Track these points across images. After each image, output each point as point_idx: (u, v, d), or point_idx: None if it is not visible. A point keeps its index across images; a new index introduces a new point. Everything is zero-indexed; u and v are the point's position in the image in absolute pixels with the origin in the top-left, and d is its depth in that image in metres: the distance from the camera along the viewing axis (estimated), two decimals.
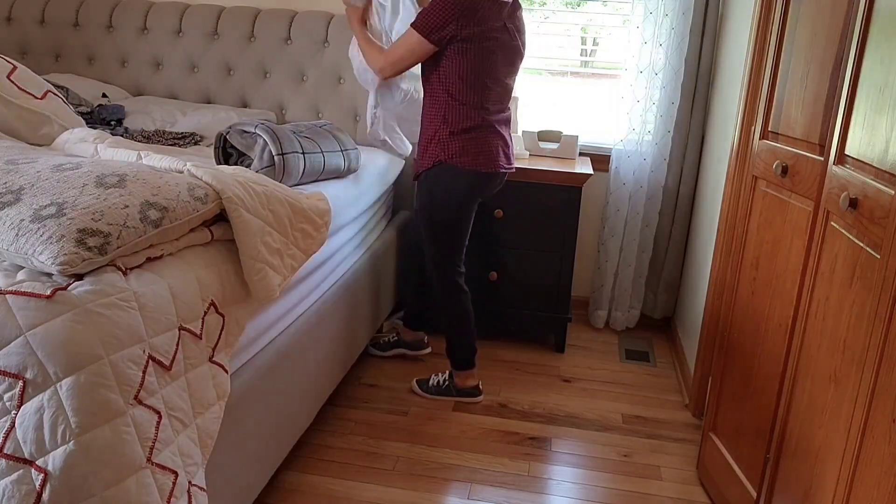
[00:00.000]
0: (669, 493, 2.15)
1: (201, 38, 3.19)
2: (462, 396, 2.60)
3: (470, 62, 2.21)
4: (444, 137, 2.30)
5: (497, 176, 2.39)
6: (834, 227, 1.49)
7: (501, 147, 2.36)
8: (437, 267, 2.48)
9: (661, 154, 3.06)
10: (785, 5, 1.83)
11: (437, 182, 2.36)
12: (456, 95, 2.26)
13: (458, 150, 2.29)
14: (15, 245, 1.22)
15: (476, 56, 2.21)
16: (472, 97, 2.26)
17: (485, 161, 2.32)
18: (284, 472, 2.13)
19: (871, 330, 1.25)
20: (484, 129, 2.30)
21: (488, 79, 2.26)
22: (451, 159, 2.30)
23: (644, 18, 2.93)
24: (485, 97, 2.28)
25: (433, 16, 2.16)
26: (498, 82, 2.30)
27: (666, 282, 3.24)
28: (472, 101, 2.27)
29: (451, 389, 2.60)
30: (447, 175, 2.33)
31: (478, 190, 2.38)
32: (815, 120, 1.64)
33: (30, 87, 1.95)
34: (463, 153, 2.29)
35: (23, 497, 1.10)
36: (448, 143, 2.30)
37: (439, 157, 2.32)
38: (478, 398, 2.60)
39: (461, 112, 2.28)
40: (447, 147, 2.30)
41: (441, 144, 2.31)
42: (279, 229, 1.64)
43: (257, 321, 1.73)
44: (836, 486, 1.34)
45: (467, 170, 2.31)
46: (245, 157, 2.14)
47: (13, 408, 1.13)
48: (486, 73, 2.24)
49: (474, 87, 2.25)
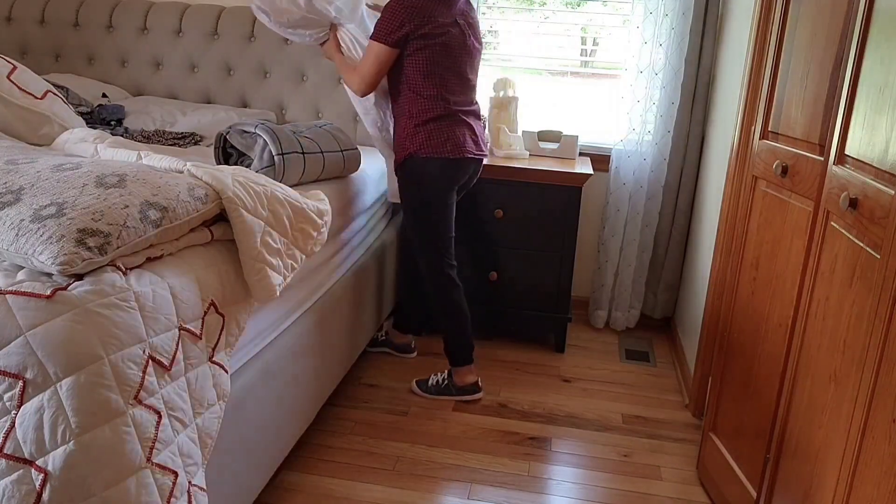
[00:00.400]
0: (669, 493, 2.15)
1: (201, 38, 3.19)
2: (462, 394, 2.60)
3: (427, 57, 2.30)
4: (411, 130, 2.37)
5: (466, 162, 2.43)
6: (834, 227, 1.49)
7: (469, 135, 2.42)
8: (426, 262, 2.50)
9: (661, 154, 3.06)
10: (785, 5, 1.83)
11: (412, 175, 2.41)
12: (417, 89, 2.34)
13: (424, 140, 2.36)
14: (15, 245, 1.22)
15: (432, 51, 2.29)
16: (432, 89, 2.33)
17: (452, 148, 2.37)
18: (284, 472, 2.13)
19: (871, 330, 1.25)
20: (448, 119, 2.37)
21: (446, 72, 2.34)
22: (419, 150, 2.36)
23: (644, 18, 2.93)
24: (445, 89, 2.35)
25: (387, 22, 2.26)
26: (457, 75, 2.37)
27: (666, 282, 3.24)
28: (433, 94, 2.34)
29: (450, 388, 2.60)
30: (418, 166, 2.39)
31: (449, 178, 2.42)
32: (815, 120, 1.64)
33: (30, 87, 1.95)
34: (428, 143, 2.36)
35: (23, 497, 1.10)
36: (414, 136, 2.36)
37: (408, 150, 2.38)
38: (478, 395, 2.60)
39: (423, 104, 2.35)
40: (414, 139, 2.37)
41: (409, 138, 2.37)
42: (279, 229, 1.64)
43: (257, 321, 1.73)
44: (836, 486, 1.34)
45: (435, 158, 2.37)
46: (245, 157, 2.14)
47: (13, 408, 1.13)
48: (443, 66, 2.33)
49: (433, 79, 2.33)
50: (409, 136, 2.37)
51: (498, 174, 2.85)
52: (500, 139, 2.99)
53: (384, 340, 2.93)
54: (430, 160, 2.37)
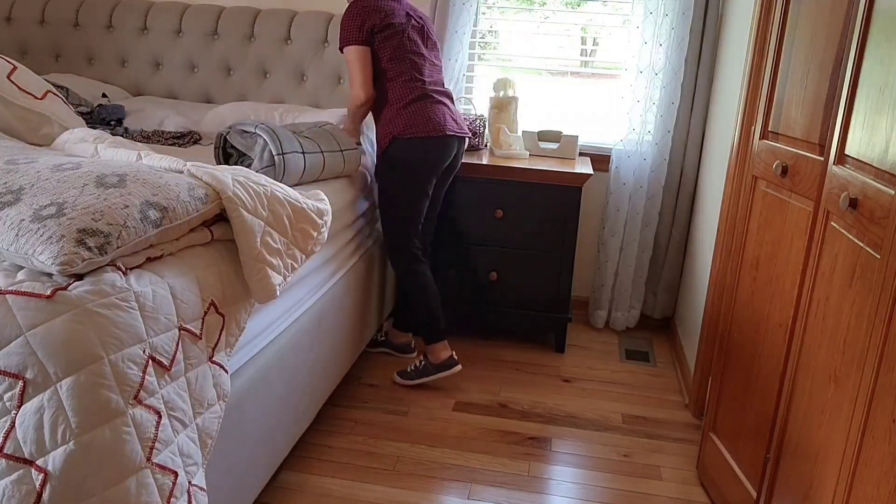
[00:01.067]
0: (669, 493, 2.15)
1: (201, 38, 3.19)
2: (441, 371, 2.63)
3: (395, 45, 2.43)
4: (392, 115, 2.46)
5: (448, 140, 2.50)
6: (834, 227, 1.49)
7: (448, 114, 2.52)
8: (397, 246, 2.57)
9: (661, 154, 3.06)
10: (785, 5, 1.83)
11: (396, 157, 2.47)
12: (391, 76, 2.45)
13: (407, 122, 2.44)
14: (15, 245, 1.22)
15: (398, 39, 2.43)
16: (406, 73, 2.46)
17: (434, 127, 2.45)
18: (284, 472, 2.13)
19: (871, 330, 1.25)
20: (425, 100, 2.47)
21: (415, 56, 2.48)
22: (403, 133, 2.44)
23: (644, 18, 2.93)
24: (418, 71, 2.48)
25: (349, 26, 2.40)
26: (423, 58, 2.51)
27: (666, 282, 3.24)
28: (407, 77, 2.46)
29: (428, 368, 2.64)
30: (403, 148, 2.46)
31: (434, 157, 2.49)
32: (815, 120, 1.64)
33: (30, 88, 1.95)
34: (412, 124, 2.44)
35: (23, 497, 1.10)
36: (396, 119, 2.45)
37: (392, 133, 2.45)
38: (457, 368, 2.63)
39: (400, 89, 2.46)
40: (396, 123, 2.45)
41: (391, 122, 2.46)
42: (279, 229, 1.64)
43: (257, 321, 1.73)
44: (836, 486, 1.34)
45: (420, 138, 2.44)
46: (245, 157, 2.14)
47: (13, 408, 1.13)
48: (411, 51, 2.47)
49: (405, 63, 2.45)
50: (392, 122, 2.45)
51: (498, 174, 2.85)
52: (500, 139, 2.99)
53: (383, 340, 2.93)
54: (414, 140, 2.44)
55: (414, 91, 2.45)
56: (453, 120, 2.53)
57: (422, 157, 2.47)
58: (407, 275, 2.59)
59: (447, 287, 3.00)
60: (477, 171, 2.85)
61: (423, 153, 2.46)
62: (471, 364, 2.89)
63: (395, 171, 2.49)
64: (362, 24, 2.39)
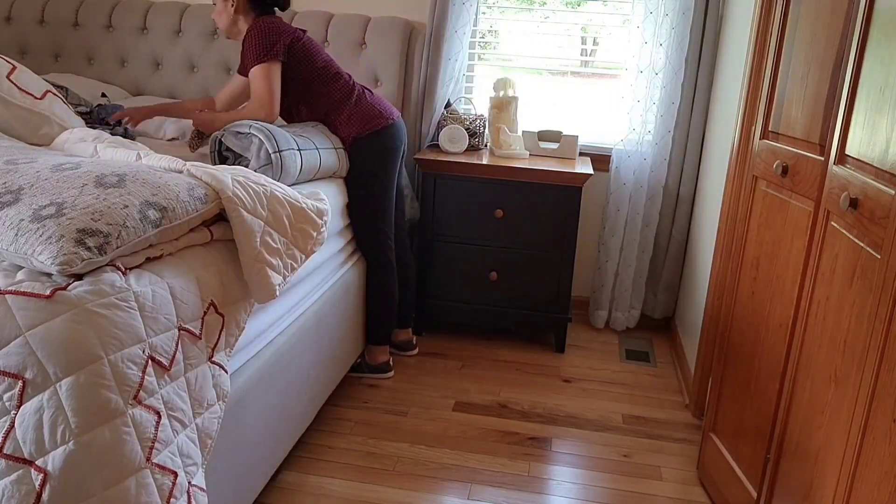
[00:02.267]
0: (669, 493, 2.15)
1: (201, 37, 3.19)
2: (375, 372, 2.67)
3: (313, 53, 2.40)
4: (344, 117, 2.43)
5: (401, 125, 2.54)
6: (834, 227, 1.49)
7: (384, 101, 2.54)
8: (373, 244, 2.54)
9: (661, 154, 3.06)
10: (785, 5, 1.82)
11: (364, 154, 2.44)
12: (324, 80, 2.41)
13: (362, 119, 2.42)
14: (14, 245, 1.22)
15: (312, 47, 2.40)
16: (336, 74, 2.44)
17: (387, 116, 2.47)
18: (284, 472, 2.13)
19: (871, 330, 1.25)
20: (363, 94, 2.48)
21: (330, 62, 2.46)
22: (362, 130, 2.42)
23: (644, 18, 2.92)
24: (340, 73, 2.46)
25: (259, 44, 2.27)
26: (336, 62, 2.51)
27: (666, 282, 3.24)
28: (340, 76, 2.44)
29: (362, 367, 2.67)
30: (365, 146, 2.44)
31: (397, 145, 2.51)
32: (816, 120, 1.63)
33: (29, 88, 1.95)
34: (368, 118, 2.43)
35: (22, 497, 1.10)
36: (351, 120, 2.43)
37: (351, 134, 2.42)
38: (389, 374, 2.68)
39: (338, 90, 2.43)
40: (351, 123, 2.42)
41: (348, 124, 2.43)
42: (279, 229, 1.64)
43: (257, 321, 1.73)
44: (836, 487, 1.34)
45: (379, 129, 2.44)
46: (242, 158, 2.14)
47: (13, 408, 1.13)
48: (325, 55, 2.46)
49: (331, 67, 2.44)
50: (349, 123, 2.43)
51: (498, 174, 2.85)
52: (500, 139, 2.99)
53: None
54: (375, 134, 2.44)
55: (350, 87, 2.45)
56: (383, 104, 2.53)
57: (387, 146, 2.47)
58: (381, 273, 2.58)
59: (447, 287, 3.00)
60: (477, 171, 2.85)
61: (387, 143, 2.47)
62: (471, 364, 2.89)
63: (364, 169, 2.46)
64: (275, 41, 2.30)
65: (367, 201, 2.48)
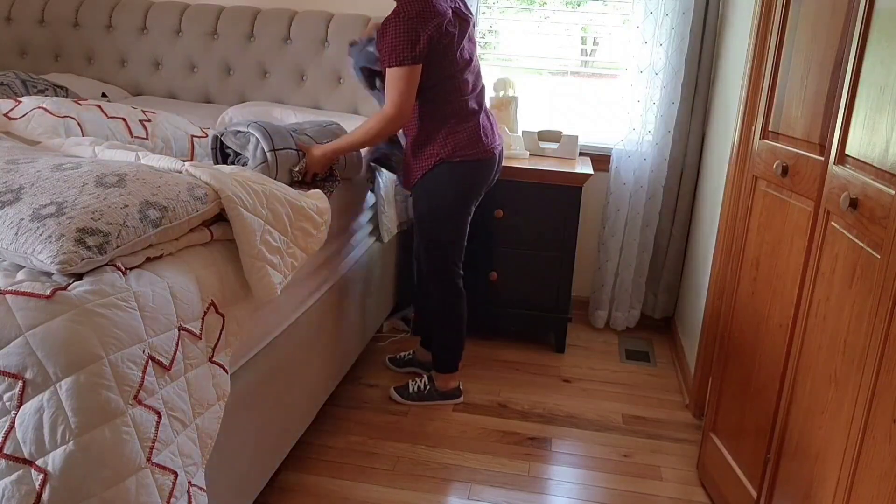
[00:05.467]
0: (669, 493, 2.15)
1: (201, 37, 3.19)
2: (445, 399, 2.57)
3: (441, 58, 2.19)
4: (442, 137, 2.30)
5: (496, 160, 2.40)
6: (834, 227, 1.49)
7: (492, 129, 2.40)
8: (441, 272, 2.44)
9: (661, 154, 3.06)
10: (785, 5, 1.82)
11: (440, 181, 2.33)
12: (441, 95, 2.26)
13: (455, 144, 2.29)
14: (14, 244, 1.22)
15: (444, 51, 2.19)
16: (453, 92, 2.27)
17: (483, 149, 2.33)
18: (284, 472, 2.13)
19: (871, 330, 1.25)
20: (472, 118, 2.32)
21: (457, 69, 2.25)
22: (452, 155, 2.30)
23: (644, 18, 2.93)
24: (461, 89, 2.28)
25: (399, 42, 2.11)
26: (468, 64, 2.30)
27: (666, 282, 3.24)
28: (454, 95, 2.27)
29: (432, 394, 2.56)
30: (449, 172, 2.32)
31: (482, 178, 2.38)
32: (816, 120, 1.63)
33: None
34: (461, 146, 2.30)
35: (22, 497, 1.10)
36: (445, 141, 2.29)
37: (439, 156, 2.30)
38: (459, 399, 2.59)
39: (446, 108, 2.28)
40: (445, 145, 2.30)
41: (439, 143, 2.30)
42: (279, 228, 1.64)
43: (257, 321, 1.73)
44: (836, 487, 1.34)
45: (469, 161, 2.31)
46: (241, 156, 2.14)
47: (13, 408, 1.12)
48: (455, 63, 2.24)
49: (452, 80, 2.25)
50: (440, 143, 2.30)
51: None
52: None
53: (410, 359, 2.82)
54: (462, 164, 2.32)
55: (461, 110, 2.29)
56: (495, 135, 2.40)
57: (470, 179, 2.35)
58: (445, 305, 2.48)
59: None
60: None
61: (471, 175, 2.34)
62: (471, 364, 2.89)
63: (439, 194, 2.34)
64: (416, 38, 2.10)
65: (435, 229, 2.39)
